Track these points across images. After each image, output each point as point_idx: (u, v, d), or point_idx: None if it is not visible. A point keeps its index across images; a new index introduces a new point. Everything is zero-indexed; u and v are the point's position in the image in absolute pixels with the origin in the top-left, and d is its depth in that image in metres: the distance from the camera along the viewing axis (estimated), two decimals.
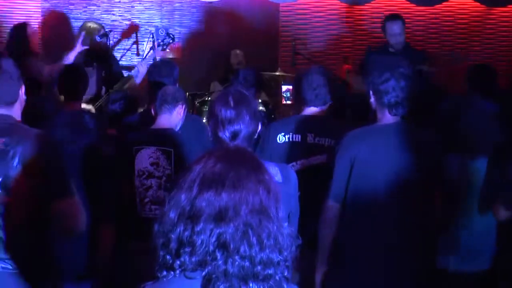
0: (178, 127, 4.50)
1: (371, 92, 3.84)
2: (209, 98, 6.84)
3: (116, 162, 4.38)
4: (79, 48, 6.79)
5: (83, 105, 5.72)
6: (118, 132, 4.85)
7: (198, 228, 1.80)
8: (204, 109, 6.62)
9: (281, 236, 1.86)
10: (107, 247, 4.08)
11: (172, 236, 1.83)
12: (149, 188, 4.26)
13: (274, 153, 4.34)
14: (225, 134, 2.98)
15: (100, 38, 6.68)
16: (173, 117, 4.46)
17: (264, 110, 6.29)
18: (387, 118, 3.79)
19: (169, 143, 4.27)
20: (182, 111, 4.49)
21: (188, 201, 1.84)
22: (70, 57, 6.71)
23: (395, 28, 6.69)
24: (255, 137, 3.10)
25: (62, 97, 5.26)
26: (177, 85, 5.28)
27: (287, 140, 4.44)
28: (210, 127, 3.05)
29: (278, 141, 4.43)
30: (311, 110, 4.51)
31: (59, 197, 3.12)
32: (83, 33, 6.91)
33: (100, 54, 6.97)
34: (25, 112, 3.39)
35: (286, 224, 3.06)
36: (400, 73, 3.76)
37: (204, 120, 6.00)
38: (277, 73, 7.61)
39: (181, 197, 1.85)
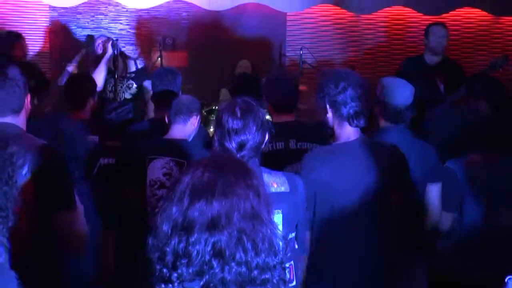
0: (191, 138, 4.48)
1: (327, 106, 3.66)
2: (216, 107, 6.84)
3: (126, 169, 4.36)
4: (108, 54, 6.69)
5: None
6: (122, 141, 4.85)
7: (192, 239, 1.81)
8: (212, 118, 6.61)
9: (275, 239, 1.88)
10: (110, 255, 4.07)
11: (167, 249, 1.84)
12: (161, 198, 4.23)
13: None
14: (232, 145, 2.97)
15: (113, 48, 6.65)
16: (187, 128, 4.42)
17: (271, 119, 6.28)
18: (347, 133, 3.63)
19: (183, 155, 4.24)
20: (197, 121, 4.47)
21: (180, 213, 1.85)
22: (101, 66, 6.63)
23: (439, 30, 6.78)
24: (263, 147, 3.09)
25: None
26: (180, 92, 5.28)
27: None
28: (216, 137, 3.05)
29: None
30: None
31: (61, 209, 3.13)
32: (111, 39, 6.83)
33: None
34: None
35: (293, 234, 3.12)
36: (356, 82, 3.61)
37: (211, 130, 6.00)
38: None
39: (173, 209, 1.86)
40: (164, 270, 1.84)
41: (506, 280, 1.94)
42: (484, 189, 4.01)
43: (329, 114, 3.68)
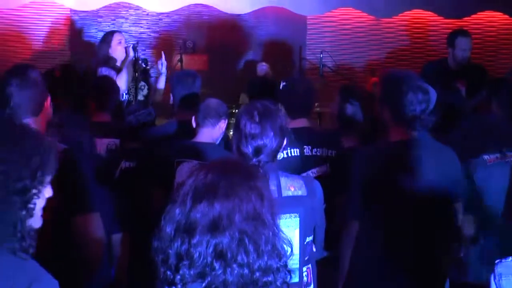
0: (218, 141, 4.48)
1: (385, 107, 3.70)
2: (236, 111, 6.84)
3: (153, 172, 4.34)
4: (130, 58, 6.69)
5: None
6: (144, 142, 4.86)
7: (194, 241, 1.82)
8: (231, 121, 6.61)
9: (279, 242, 1.87)
10: (125, 257, 4.07)
11: (170, 251, 1.85)
12: None
13: None
14: (248, 149, 2.96)
15: (134, 51, 6.65)
16: (215, 131, 4.40)
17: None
18: (402, 134, 3.64)
19: (211, 159, 4.22)
20: (224, 125, 4.47)
21: (183, 215, 1.86)
22: (124, 69, 6.62)
23: (466, 42, 6.74)
24: (281, 152, 3.08)
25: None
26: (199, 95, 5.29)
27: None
28: (234, 141, 3.04)
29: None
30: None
31: (78, 212, 3.15)
32: (132, 43, 6.84)
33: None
34: None
35: (311, 237, 3.11)
36: (417, 86, 3.63)
37: (231, 133, 6.00)
38: None
39: (176, 211, 1.87)
40: (168, 273, 1.86)
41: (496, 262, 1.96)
42: (501, 189, 4.00)
43: (387, 113, 3.70)
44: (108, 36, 6.81)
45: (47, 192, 2.20)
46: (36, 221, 2.12)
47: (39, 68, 6.02)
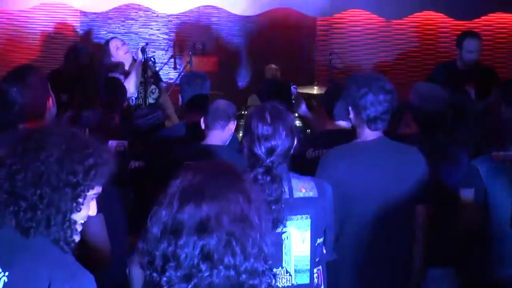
0: (227, 143, 4.46)
1: (350, 108, 3.77)
2: (245, 112, 6.82)
3: (162, 175, 4.32)
4: (139, 60, 6.68)
5: None
6: (154, 144, 4.85)
7: (181, 242, 1.80)
8: (241, 123, 6.59)
9: (265, 245, 1.86)
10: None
11: (157, 253, 1.84)
12: None
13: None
14: (261, 150, 2.96)
15: (142, 53, 6.64)
16: (224, 133, 4.38)
17: (302, 125, 6.26)
18: (367, 134, 3.71)
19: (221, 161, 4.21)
20: (234, 127, 4.46)
21: (169, 216, 1.85)
22: (133, 72, 6.60)
23: (474, 45, 6.72)
24: (291, 152, 3.08)
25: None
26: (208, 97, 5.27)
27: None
28: (245, 142, 3.04)
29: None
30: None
31: None
32: (141, 45, 6.84)
33: None
34: None
35: (321, 238, 3.09)
36: (378, 87, 3.69)
37: (240, 134, 5.99)
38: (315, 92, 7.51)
39: (162, 213, 1.86)
40: (154, 274, 1.84)
41: None
42: (506, 185, 3.99)
43: (351, 115, 3.77)
44: (105, 46, 6.83)
45: (93, 207, 2.24)
46: (80, 217, 2.20)
47: (48, 70, 6.06)
